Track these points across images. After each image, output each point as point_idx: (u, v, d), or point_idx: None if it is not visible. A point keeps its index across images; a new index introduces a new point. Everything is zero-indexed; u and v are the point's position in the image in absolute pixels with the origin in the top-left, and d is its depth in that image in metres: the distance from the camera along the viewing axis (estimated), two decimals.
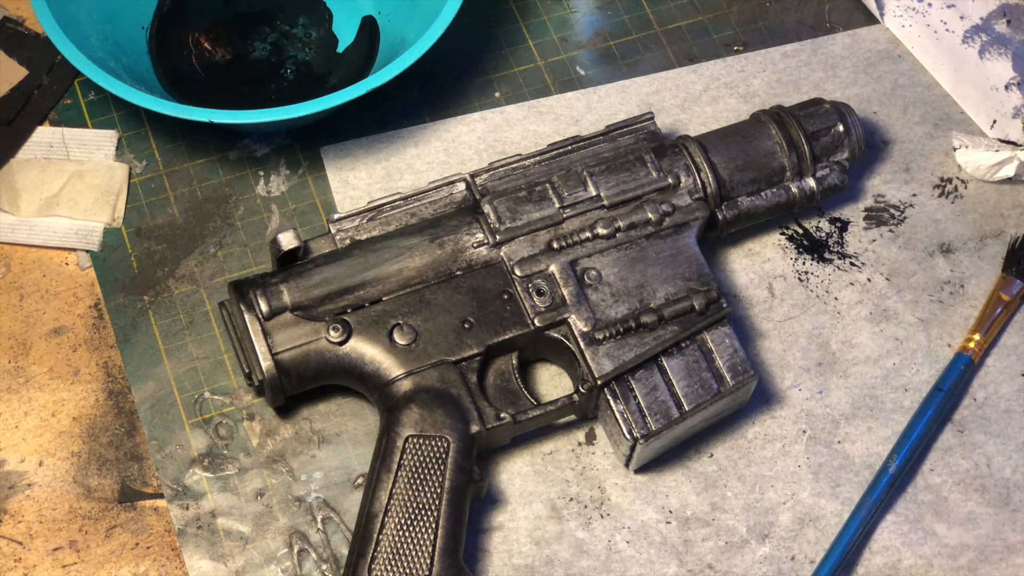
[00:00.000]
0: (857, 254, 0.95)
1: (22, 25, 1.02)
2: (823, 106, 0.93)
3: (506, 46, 1.03)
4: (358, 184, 0.96)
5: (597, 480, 0.87)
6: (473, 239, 0.87)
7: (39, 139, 0.97)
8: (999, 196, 0.97)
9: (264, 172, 0.97)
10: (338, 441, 0.88)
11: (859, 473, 0.87)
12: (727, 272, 0.93)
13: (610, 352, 0.84)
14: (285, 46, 1.02)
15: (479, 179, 0.89)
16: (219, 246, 0.94)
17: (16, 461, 0.87)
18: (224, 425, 0.88)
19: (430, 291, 0.85)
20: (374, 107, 0.98)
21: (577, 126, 0.99)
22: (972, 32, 1.00)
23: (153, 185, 0.97)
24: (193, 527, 0.85)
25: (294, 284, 0.85)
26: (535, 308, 0.85)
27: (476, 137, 0.98)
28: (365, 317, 0.85)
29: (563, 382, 0.89)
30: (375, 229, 0.88)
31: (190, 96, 0.98)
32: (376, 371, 0.83)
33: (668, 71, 1.02)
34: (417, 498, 0.78)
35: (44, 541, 0.85)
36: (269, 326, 0.84)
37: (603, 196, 0.88)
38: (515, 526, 0.85)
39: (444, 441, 0.80)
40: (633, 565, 0.84)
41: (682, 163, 0.90)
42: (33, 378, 0.90)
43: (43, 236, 0.94)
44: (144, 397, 0.89)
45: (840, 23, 1.04)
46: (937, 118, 1.00)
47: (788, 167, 0.91)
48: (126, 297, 0.93)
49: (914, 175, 0.98)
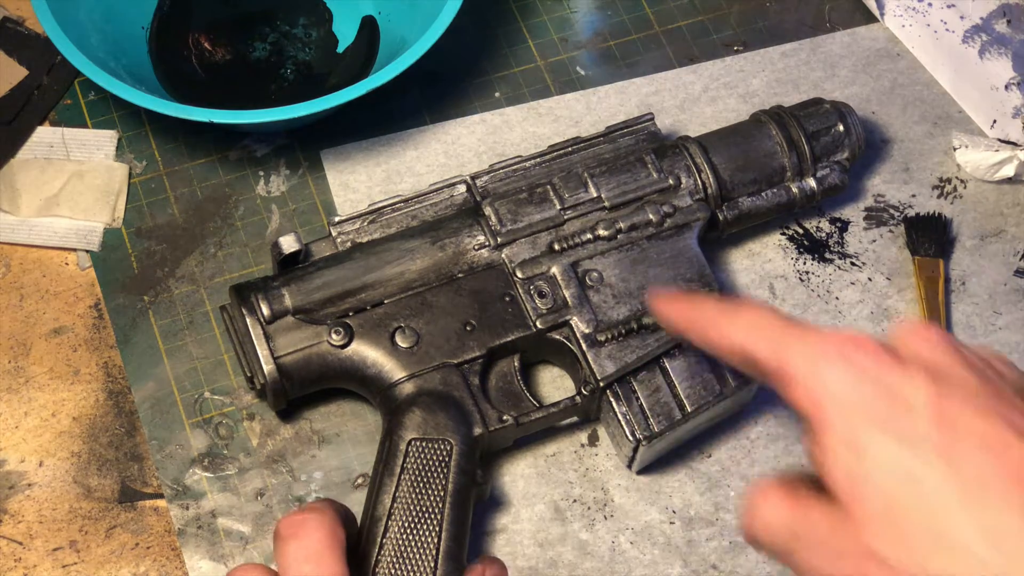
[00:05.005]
0: (857, 254, 0.95)
1: (22, 25, 1.02)
2: (823, 106, 0.93)
3: (506, 46, 1.03)
4: (358, 187, 0.96)
5: (600, 481, 0.87)
6: (474, 241, 0.87)
7: (39, 139, 0.97)
8: (999, 196, 0.97)
9: (264, 172, 0.97)
10: (338, 441, 0.88)
11: None
12: (728, 273, 0.93)
13: (612, 354, 0.84)
14: (285, 46, 1.02)
15: (480, 181, 0.89)
16: (219, 246, 0.94)
17: (16, 461, 0.87)
18: (224, 425, 0.88)
19: (432, 294, 0.85)
20: (374, 107, 0.98)
21: (577, 127, 0.99)
22: (972, 32, 1.00)
23: (153, 185, 0.96)
24: (193, 527, 0.85)
25: (295, 287, 0.85)
26: (537, 310, 0.85)
27: (476, 139, 0.98)
28: (367, 320, 0.85)
29: (565, 384, 0.89)
30: (376, 232, 0.88)
31: (190, 96, 0.98)
32: (378, 374, 0.83)
33: (667, 71, 1.02)
34: (420, 501, 0.78)
35: (44, 541, 0.85)
36: (271, 330, 0.84)
37: (604, 197, 0.88)
38: (519, 528, 0.85)
39: (447, 444, 0.80)
40: (637, 566, 0.84)
41: (683, 164, 0.90)
42: (33, 378, 0.90)
43: (43, 236, 0.94)
44: (144, 397, 0.89)
45: (840, 23, 1.04)
46: (936, 117, 1.00)
47: (789, 167, 0.91)
48: (126, 297, 0.93)
49: (914, 175, 0.98)
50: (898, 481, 0.59)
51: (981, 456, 0.58)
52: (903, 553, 0.58)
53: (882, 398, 0.60)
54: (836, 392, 0.61)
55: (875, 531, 0.59)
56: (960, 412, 0.60)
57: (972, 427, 0.59)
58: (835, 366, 0.62)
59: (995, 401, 0.60)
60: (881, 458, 0.60)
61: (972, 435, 0.59)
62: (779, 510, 0.64)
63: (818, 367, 0.62)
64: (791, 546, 0.63)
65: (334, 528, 0.70)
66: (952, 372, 0.62)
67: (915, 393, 0.60)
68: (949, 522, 0.58)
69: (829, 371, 0.62)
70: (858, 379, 0.61)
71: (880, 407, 0.60)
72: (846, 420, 0.61)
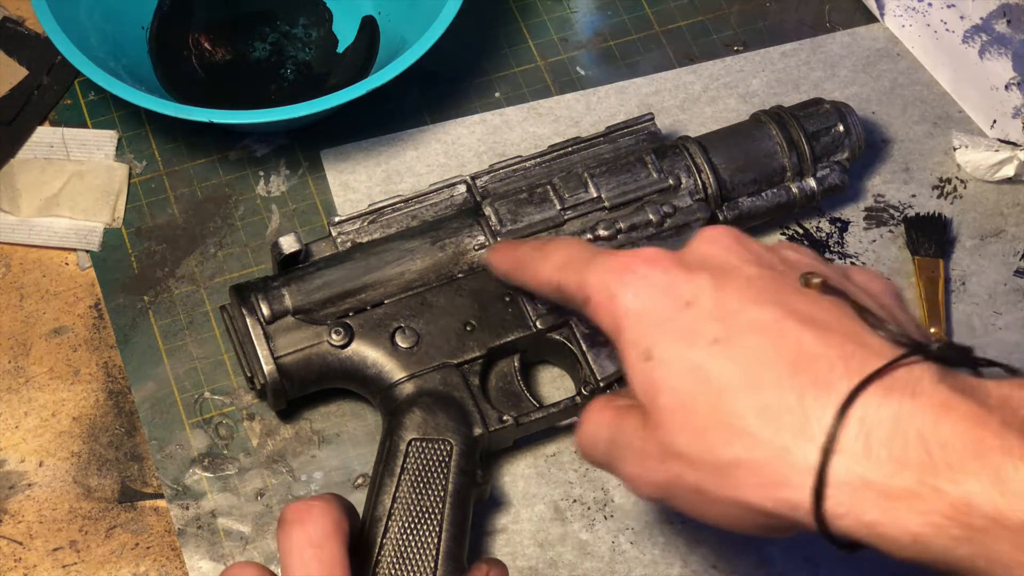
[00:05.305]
0: (857, 254, 0.95)
1: (22, 25, 1.02)
2: (823, 106, 0.93)
3: (506, 46, 1.03)
4: (358, 187, 0.96)
5: (600, 481, 0.87)
6: (474, 241, 0.87)
7: (39, 139, 0.97)
8: (999, 196, 0.97)
9: (264, 172, 0.97)
10: (338, 441, 0.88)
11: None
12: None
13: (612, 354, 0.84)
14: (285, 46, 1.02)
15: (480, 181, 0.89)
16: (219, 246, 0.94)
17: (16, 461, 0.87)
18: (224, 425, 0.88)
19: (432, 294, 0.85)
20: (374, 107, 0.98)
21: (577, 127, 0.99)
22: (972, 32, 1.00)
23: (153, 185, 0.96)
24: (193, 527, 0.85)
25: (295, 288, 0.85)
26: (537, 310, 0.85)
27: (476, 139, 0.98)
28: (367, 320, 0.85)
29: (565, 384, 0.89)
30: (376, 232, 0.88)
31: (190, 96, 0.98)
32: (378, 374, 0.83)
33: (667, 72, 1.02)
34: (420, 502, 0.78)
35: (44, 541, 0.85)
36: (271, 330, 0.84)
37: (604, 197, 0.88)
38: (519, 528, 0.85)
39: (447, 444, 0.80)
40: (637, 566, 0.84)
41: (683, 164, 0.90)
42: (33, 378, 0.90)
43: (43, 236, 0.94)
44: (144, 397, 0.89)
45: (840, 23, 1.04)
46: (936, 117, 1.00)
47: (788, 167, 0.91)
48: (126, 297, 0.93)
49: (914, 175, 0.98)
50: (686, 377, 0.62)
51: (759, 342, 0.61)
52: (696, 445, 0.62)
53: (668, 302, 0.64)
54: (628, 305, 0.66)
55: (672, 428, 0.63)
56: (739, 303, 0.63)
57: (750, 316, 0.62)
58: (627, 282, 0.66)
59: (775, 290, 0.63)
60: (669, 358, 0.63)
61: (751, 324, 0.62)
62: (599, 422, 0.69)
63: (612, 286, 0.67)
64: (611, 455, 0.68)
65: (339, 518, 0.70)
66: (736, 268, 0.65)
67: (697, 292, 0.64)
68: (732, 408, 0.61)
69: (621, 288, 0.66)
70: (648, 289, 0.65)
71: (665, 311, 0.64)
72: (638, 330, 0.65)
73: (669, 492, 0.64)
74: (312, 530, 0.69)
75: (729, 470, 0.61)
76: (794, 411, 0.59)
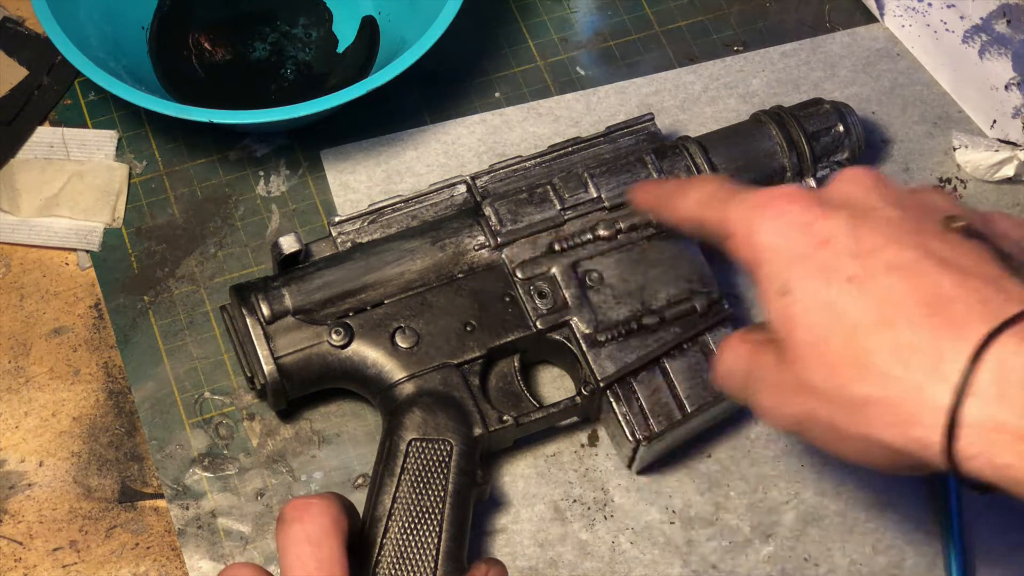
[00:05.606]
0: None
1: (22, 25, 1.02)
2: (823, 106, 0.93)
3: (506, 46, 1.03)
4: (358, 187, 0.96)
5: (600, 481, 0.87)
6: (474, 241, 0.87)
7: (39, 139, 0.97)
8: (999, 196, 0.97)
9: (264, 172, 0.97)
10: (338, 441, 0.88)
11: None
12: (728, 273, 0.93)
13: (612, 354, 0.84)
14: (285, 46, 1.02)
15: (480, 181, 0.89)
16: (219, 246, 0.94)
17: (16, 461, 0.87)
18: (224, 425, 0.88)
19: (432, 294, 0.85)
20: (374, 107, 0.98)
21: (577, 127, 0.99)
22: (972, 32, 1.00)
23: (153, 185, 0.96)
24: (193, 527, 0.85)
25: (296, 288, 0.85)
26: (537, 310, 0.85)
27: (476, 139, 0.98)
28: (367, 320, 0.85)
29: (565, 384, 0.89)
30: (376, 232, 0.88)
31: (190, 96, 0.98)
32: (378, 374, 0.83)
33: (667, 72, 1.02)
34: (421, 502, 0.78)
35: (44, 541, 0.85)
36: (271, 330, 0.84)
37: (604, 197, 0.88)
38: (519, 528, 0.85)
39: (447, 444, 0.80)
40: (637, 566, 0.84)
41: (683, 164, 0.90)
42: (33, 378, 0.90)
43: (43, 236, 0.94)
44: (144, 397, 0.89)
45: (840, 23, 1.04)
46: (936, 117, 1.00)
47: (788, 167, 0.91)
48: (126, 297, 0.93)
49: (914, 175, 0.98)
50: (821, 313, 0.63)
51: (895, 281, 0.61)
52: (830, 381, 0.62)
53: (806, 240, 0.65)
54: (767, 241, 0.66)
55: (806, 363, 0.63)
56: (877, 243, 0.63)
57: (888, 256, 0.62)
58: (766, 218, 0.66)
59: (915, 232, 0.64)
60: (806, 294, 0.63)
61: (888, 263, 0.62)
62: (736, 355, 0.70)
63: (753, 221, 0.67)
64: (748, 387, 0.69)
65: (338, 516, 0.70)
66: (875, 208, 0.66)
67: (835, 231, 0.64)
68: (865, 345, 0.61)
69: (761, 223, 0.66)
70: (787, 226, 0.66)
71: (804, 248, 0.64)
72: (777, 265, 0.65)
73: (803, 426, 0.65)
74: (310, 528, 0.69)
75: (861, 407, 0.61)
76: (928, 351, 0.59)
